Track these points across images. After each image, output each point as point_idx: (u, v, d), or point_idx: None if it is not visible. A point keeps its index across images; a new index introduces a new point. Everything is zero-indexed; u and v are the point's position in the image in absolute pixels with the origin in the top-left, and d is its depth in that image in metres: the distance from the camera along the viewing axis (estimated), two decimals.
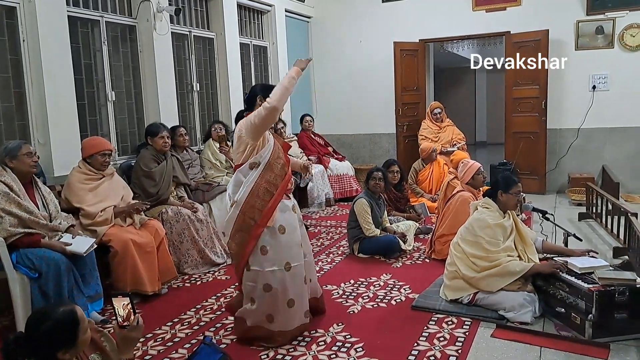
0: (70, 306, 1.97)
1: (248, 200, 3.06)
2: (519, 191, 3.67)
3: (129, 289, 3.80)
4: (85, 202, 3.93)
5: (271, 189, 3.09)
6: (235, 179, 3.13)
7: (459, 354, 3.00)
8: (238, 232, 3.09)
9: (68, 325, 1.92)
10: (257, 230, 3.05)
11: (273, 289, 3.08)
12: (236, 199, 3.09)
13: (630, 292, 3.08)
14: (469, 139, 10.40)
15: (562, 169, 7.58)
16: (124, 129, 5.42)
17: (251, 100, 3.21)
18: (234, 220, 3.08)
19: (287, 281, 3.10)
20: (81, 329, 1.94)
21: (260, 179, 3.07)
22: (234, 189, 3.13)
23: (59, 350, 1.89)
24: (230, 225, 3.10)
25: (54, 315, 1.91)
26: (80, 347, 1.96)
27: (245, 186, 3.07)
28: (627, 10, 6.94)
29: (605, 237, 5.30)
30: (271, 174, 3.10)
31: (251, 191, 3.05)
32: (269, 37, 7.82)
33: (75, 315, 1.94)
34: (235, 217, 3.08)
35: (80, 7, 4.86)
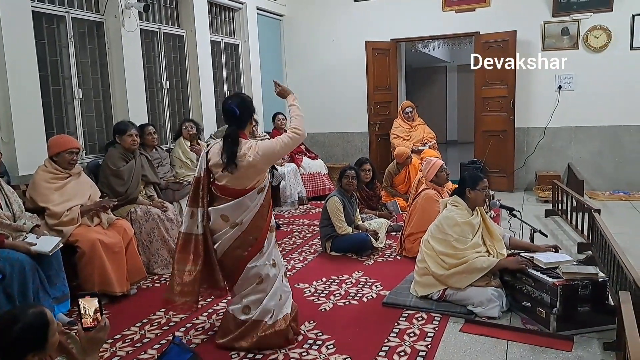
0: (40, 308, 1.92)
1: (253, 222, 3.01)
2: (485, 186, 3.73)
3: (97, 290, 3.73)
4: (51, 202, 3.85)
5: (268, 206, 3.10)
6: (240, 203, 3.00)
7: (429, 349, 3.04)
8: (236, 249, 3.03)
9: (38, 328, 1.87)
10: (257, 247, 3.04)
11: (263, 281, 3.06)
12: (239, 221, 3.00)
13: (592, 286, 3.16)
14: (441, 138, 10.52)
15: (529, 167, 7.74)
16: (92, 127, 5.32)
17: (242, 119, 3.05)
18: (234, 239, 3.03)
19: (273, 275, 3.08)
20: (51, 332, 1.90)
21: (264, 200, 3.06)
22: (236, 212, 3.01)
23: (28, 353, 1.84)
24: (228, 243, 3.04)
25: (24, 317, 1.86)
26: (49, 350, 1.92)
27: (252, 209, 3.01)
28: (591, 12, 7.12)
29: (570, 233, 5.43)
30: (268, 193, 3.11)
31: (257, 213, 3.02)
32: (240, 34, 7.78)
33: (45, 317, 1.90)
34: (235, 237, 3.02)
35: (45, 2, 4.76)
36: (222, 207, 3.02)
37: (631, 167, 7.31)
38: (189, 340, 3.26)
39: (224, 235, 3.04)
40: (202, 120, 6.47)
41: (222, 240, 3.05)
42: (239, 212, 3.00)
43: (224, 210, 3.01)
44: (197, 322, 3.53)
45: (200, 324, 3.50)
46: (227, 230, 3.02)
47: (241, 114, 3.03)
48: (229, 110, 3.04)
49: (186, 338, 3.28)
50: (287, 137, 3.02)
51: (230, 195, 3.00)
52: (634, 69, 7.06)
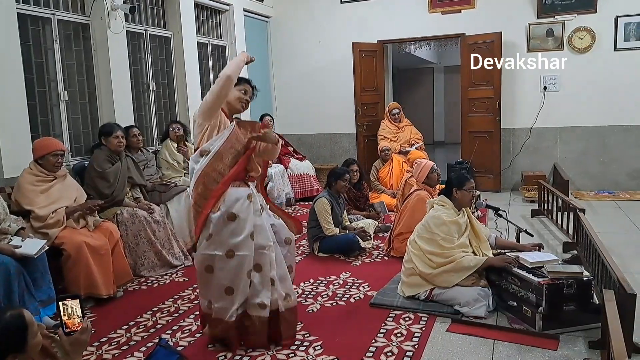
0: (19, 310, 1.91)
1: (196, 189, 2.97)
2: (472, 187, 3.76)
3: (82, 293, 3.73)
4: (36, 205, 3.82)
5: (218, 179, 2.98)
6: (190, 168, 3.06)
7: (416, 349, 3.05)
8: (192, 221, 3.03)
9: (16, 330, 1.86)
10: (201, 218, 2.95)
11: (214, 272, 2.99)
12: (189, 191, 3.05)
13: (577, 284, 3.19)
14: (428, 139, 10.59)
15: (515, 168, 7.80)
16: (77, 130, 5.28)
17: None
18: (189, 209, 3.06)
19: (226, 268, 2.97)
20: (30, 334, 1.89)
21: (208, 167, 2.96)
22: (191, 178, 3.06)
23: (7, 355, 1.83)
24: (189, 214, 3.06)
25: (2, 320, 1.85)
26: (30, 352, 1.90)
27: (195, 175, 2.98)
28: (575, 14, 7.20)
29: (556, 232, 5.48)
30: (220, 164, 2.98)
31: (199, 179, 2.96)
32: (227, 36, 7.76)
33: (23, 319, 1.88)
34: (189, 206, 3.05)
35: (30, 4, 4.71)
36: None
37: (616, 167, 7.40)
38: (175, 342, 3.25)
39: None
40: (189, 122, 6.42)
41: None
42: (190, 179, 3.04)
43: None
44: (184, 324, 3.51)
45: (187, 326, 3.49)
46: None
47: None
48: None
49: (173, 340, 3.27)
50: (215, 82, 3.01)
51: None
52: (618, 69, 7.15)
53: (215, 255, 2.97)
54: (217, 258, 2.97)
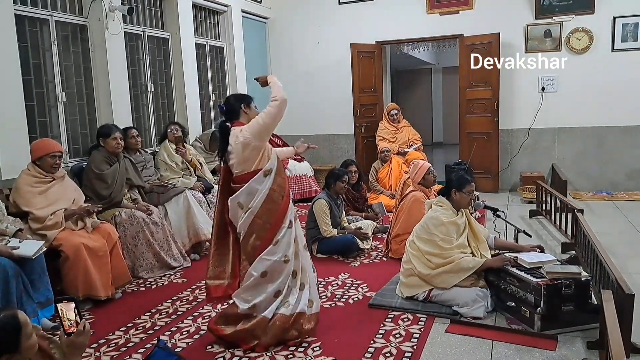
0: (12, 311, 1.90)
1: (263, 206, 3.10)
2: (471, 190, 3.76)
3: (81, 295, 3.73)
4: (34, 206, 3.82)
5: (281, 192, 3.17)
6: (249, 188, 3.10)
7: (414, 350, 3.05)
8: (251, 235, 3.12)
9: (10, 331, 1.85)
10: (271, 233, 3.12)
11: (267, 276, 3.12)
12: (250, 206, 3.11)
13: (576, 285, 3.20)
14: (426, 140, 10.58)
15: (514, 168, 7.81)
16: (75, 131, 5.27)
17: (233, 111, 3.24)
18: (248, 224, 3.12)
19: (281, 273, 3.14)
20: (24, 335, 1.88)
21: (273, 184, 3.13)
22: (248, 197, 3.11)
23: (0, 356, 1.83)
24: (244, 228, 3.13)
25: None
26: (25, 354, 1.90)
27: (261, 194, 3.10)
28: (572, 15, 7.21)
29: (554, 233, 5.49)
30: (279, 178, 3.18)
31: (267, 197, 3.11)
32: (225, 37, 7.76)
33: (16, 320, 1.88)
34: (250, 221, 3.12)
35: (28, 5, 4.71)
36: (236, 194, 3.14)
37: (614, 168, 7.41)
38: (174, 344, 3.24)
39: (240, 222, 3.14)
40: (187, 123, 6.43)
41: (239, 227, 3.15)
42: (250, 197, 3.11)
43: (238, 197, 3.14)
44: (182, 325, 3.51)
45: (185, 327, 3.48)
46: (242, 216, 3.12)
47: (227, 108, 3.26)
48: (219, 111, 3.32)
49: (171, 342, 3.26)
50: (268, 107, 3.12)
51: (241, 182, 3.14)
52: (616, 70, 7.16)
53: (275, 261, 3.11)
54: (277, 263, 3.12)
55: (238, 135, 3.09)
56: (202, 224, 5.02)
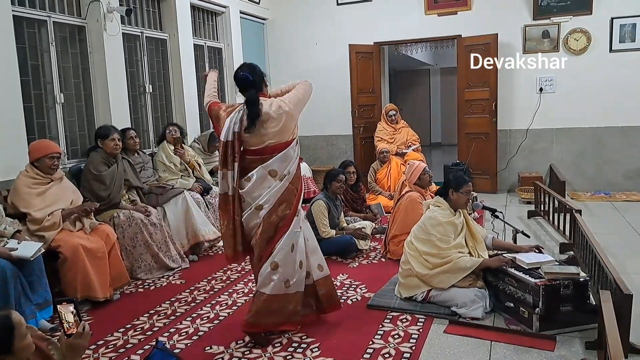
0: (6, 312, 1.89)
1: (297, 172, 3.24)
2: (469, 190, 3.77)
3: (79, 296, 3.73)
4: (32, 207, 3.81)
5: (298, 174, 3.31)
6: (286, 154, 3.17)
7: (413, 351, 3.05)
8: (282, 203, 3.16)
9: (2, 331, 1.84)
10: (297, 201, 3.23)
11: (294, 249, 3.20)
12: (286, 172, 3.17)
13: (574, 285, 3.20)
14: (425, 141, 10.60)
15: (512, 169, 7.82)
16: (74, 132, 5.27)
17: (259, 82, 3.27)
18: (282, 191, 3.16)
19: (300, 244, 3.25)
20: (17, 335, 1.86)
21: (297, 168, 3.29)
22: (283, 164, 3.17)
23: None
24: (276, 197, 3.14)
25: None
26: (19, 354, 1.88)
27: (294, 159, 3.23)
28: (570, 16, 7.22)
29: (552, 233, 5.49)
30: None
31: (298, 163, 3.26)
32: (223, 38, 7.76)
33: (9, 320, 1.86)
34: (284, 188, 3.16)
35: (26, 6, 4.70)
36: (270, 162, 3.15)
37: (612, 168, 7.43)
38: (172, 345, 3.24)
39: (271, 191, 3.14)
40: (186, 124, 6.43)
41: (269, 197, 3.14)
42: (285, 163, 3.17)
43: (272, 165, 3.15)
44: (181, 326, 3.51)
45: (184, 328, 3.48)
46: (276, 184, 3.14)
47: (254, 78, 3.23)
48: (241, 78, 3.23)
49: (170, 343, 3.26)
50: (301, 83, 3.37)
51: (274, 152, 3.16)
52: (614, 71, 7.17)
53: (298, 232, 3.23)
54: (299, 234, 3.24)
55: (281, 105, 3.14)
56: (201, 225, 5.02)
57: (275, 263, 3.14)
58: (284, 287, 3.18)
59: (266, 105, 3.14)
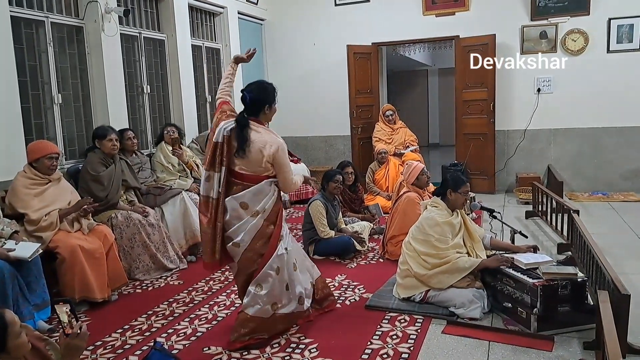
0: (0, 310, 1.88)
1: (274, 207, 3.16)
2: (467, 191, 3.77)
3: (77, 297, 3.73)
4: (30, 208, 3.81)
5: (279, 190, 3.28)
6: (259, 189, 3.11)
7: (411, 351, 3.05)
8: (259, 240, 3.12)
9: None
10: (278, 231, 3.17)
11: (280, 272, 3.18)
12: (260, 209, 3.11)
13: (572, 286, 3.21)
14: (422, 141, 10.60)
15: (510, 169, 7.83)
16: (72, 132, 5.26)
17: (257, 106, 3.18)
18: (256, 230, 3.11)
19: (286, 264, 3.21)
20: (11, 334, 1.85)
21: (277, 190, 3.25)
22: (254, 197, 3.11)
23: None
24: (251, 236, 3.11)
25: None
26: (13, 353, 1.87)
27: (271, 196, 3.16)
28: (568, 16, 7.24)
29: (550, 233, 5.50)
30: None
31: (277, 198, 3.20)
32: (221, 39, 7.76)
33: (2, 319, 1.85)
34: (260, 225, 3.11)
35: (24, 7, 4.70)
36: (241, 194, 3.09)
37: (609, 169, 7.44)
38: (170, 346, 3.24)
39: (246, 225, 3.10)
40: (184, 125, 6.42)
41: (247, 231, 3.10)
42: (257, 197, 3.11)
43: (243, 197, 3.09)
44: (179, 327, 3.51)
45: (182, 329, 3.48)
46: (249, 220, 3.09)
47: (252, 101, 3.16)
48: (241, 97, 3.19)
49: (168, 344, 3.26)
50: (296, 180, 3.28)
51: (249, 181, 3.11)
52: (611, 71, 7.19)
53: (283, 254, 3.19)
54: (284, 256, 3.19)
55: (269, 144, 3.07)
56: (199, 226, 5.01)
57: (260, 285, 3.14)
58: (271, 310, 3.17)
59: (258, 136, 3.10)
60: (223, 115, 3.21)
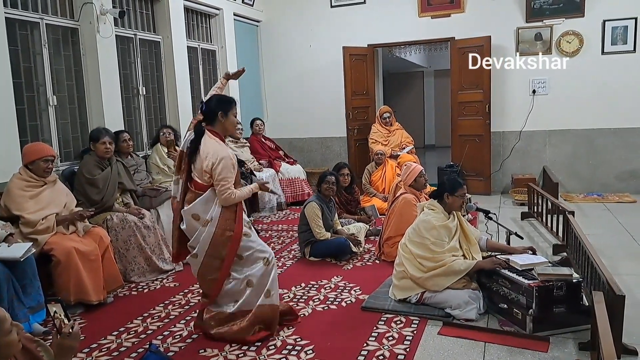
0: None
1: (223, 215, 3.14)
2: (464, 194, 3.77)
3: (72, 299, 3.72)
4: (25, 210, 3.79)
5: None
6: (207, 197, 3.15)
7: (407, 352, 3.05)
8: (215, 247, 3.15)
9: None
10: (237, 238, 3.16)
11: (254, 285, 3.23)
12: (209, 217, 3.13)
13: (567, 286, 3.21)
14: (418, 143, 10.61)
15: (505, 170, 7.85)
16: (67, 135, 5.25)
17: (211, 115, 3.22)
18: (211, 236, 3.13)
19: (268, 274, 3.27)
20: (1, 331, 1.84)
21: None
22: (204, 207, 3.14)
23: None
24: (206, 244, 3.14)
25: None
26: (3, 351, 1.85)
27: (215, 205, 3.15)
28: (563, 18, 7.27)
29: (546, 235, 5.51)
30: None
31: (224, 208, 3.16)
32: (217, 40, 7.76)
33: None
34: (212, 233, 3.13)
35: (18, 8, 4.69)
36: (191, 206, 3.18)
37: (604, 170, 7.47)
38: (166, 348, 3.23)
39: (200, 236, 3.15)
40: (179, 127, 6.41)
41: (200, 242, 3.15)
42: (206, 206, 3.14)
43: (193, 209, 3.17)
44: (175, 329, 3.50)
45: (177, 331, 3.47)
46: (202, 230, 3.14)
47: (207, 109, 3.24)
48: (199, 109, 3.30)
49: (163, 346, 3.25)
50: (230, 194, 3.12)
51: (199, 189, 3.18)
52: (606, 73, 7.22)
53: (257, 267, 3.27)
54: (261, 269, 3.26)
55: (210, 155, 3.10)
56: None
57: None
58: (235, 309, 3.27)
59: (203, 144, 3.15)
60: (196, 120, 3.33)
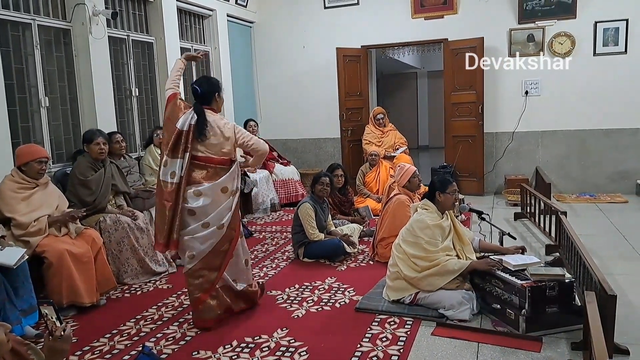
0: None
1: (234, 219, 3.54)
2: (455, 190, 3.78)
3: (65, 301, 3.70)
4: (17, 212, 3.77)
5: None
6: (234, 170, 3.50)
7: (401, 353, 3.06)
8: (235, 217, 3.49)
9: None
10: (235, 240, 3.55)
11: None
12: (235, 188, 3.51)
13: (560, 287, 3.22)
14: (412, 144, 10.64)
15: (498, 171, 7.88)
16: (59, 136, 5.22)
17: (208, 96, 3.54)
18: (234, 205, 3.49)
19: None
20: None
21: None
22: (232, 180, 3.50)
23: None
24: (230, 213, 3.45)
25: None
26: None
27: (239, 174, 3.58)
28: (555, 20, 7.30)
29: (538, 235, 5.54)
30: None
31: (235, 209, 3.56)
32: (211, 41, 7.75)
33: None
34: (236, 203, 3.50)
35: (10, 9, 4.66)
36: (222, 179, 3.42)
37: (596, 170, 7.51)
38: (159, 350, 3.21)
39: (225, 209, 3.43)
40: None
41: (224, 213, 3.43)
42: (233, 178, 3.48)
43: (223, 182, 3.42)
44: (168, 332, 3.49)
45: (170, 333, 3.46)
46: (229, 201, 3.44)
47: (203, 92, 3.53)
48: (192, 90, 3.57)
49: (156, 348, 3.23)
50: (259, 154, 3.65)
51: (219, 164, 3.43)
52: (598, 74, 7.26)
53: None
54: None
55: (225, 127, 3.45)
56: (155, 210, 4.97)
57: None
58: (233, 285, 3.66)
59: (211, 120, 3.44)
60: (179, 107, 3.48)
